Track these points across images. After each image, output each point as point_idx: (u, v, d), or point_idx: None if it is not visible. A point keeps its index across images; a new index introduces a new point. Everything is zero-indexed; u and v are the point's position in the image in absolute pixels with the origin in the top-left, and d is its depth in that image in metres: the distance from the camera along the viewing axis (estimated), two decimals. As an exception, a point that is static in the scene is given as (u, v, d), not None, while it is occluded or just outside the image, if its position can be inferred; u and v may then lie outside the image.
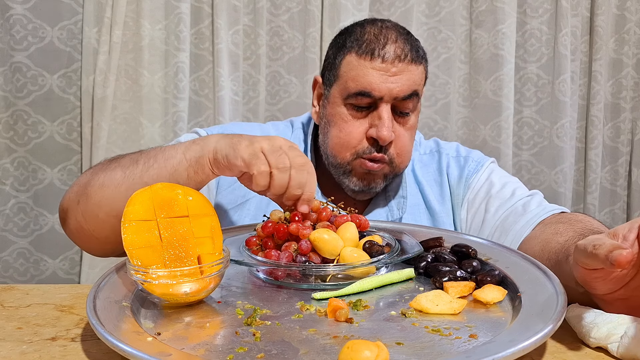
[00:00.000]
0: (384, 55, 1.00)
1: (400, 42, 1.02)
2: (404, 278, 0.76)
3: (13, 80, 1.74)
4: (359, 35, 1.04)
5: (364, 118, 1.03)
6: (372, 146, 1.02)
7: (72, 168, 1.81)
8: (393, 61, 1.00)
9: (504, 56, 1.91)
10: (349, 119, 1.03)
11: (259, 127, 1.20)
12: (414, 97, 1.02)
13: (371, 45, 1.02)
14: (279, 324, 0.63)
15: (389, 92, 1.00)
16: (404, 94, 1.01)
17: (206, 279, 0.67)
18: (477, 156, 1.16)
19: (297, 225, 0.77)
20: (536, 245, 0.87)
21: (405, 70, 1.01)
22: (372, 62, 1.00)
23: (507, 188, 1.07)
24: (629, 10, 2.01)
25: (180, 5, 1.76)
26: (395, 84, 1.00)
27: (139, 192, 0.71)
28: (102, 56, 1.72)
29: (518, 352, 0.53)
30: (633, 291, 0.63)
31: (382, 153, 1.02)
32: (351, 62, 1.02)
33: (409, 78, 1.01)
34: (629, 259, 0.57)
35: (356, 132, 1.03)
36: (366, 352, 0.52)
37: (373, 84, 1.00)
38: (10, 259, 1.82)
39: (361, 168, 1.04)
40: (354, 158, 1.03)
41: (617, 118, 2.08)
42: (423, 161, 1.17)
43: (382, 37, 1.02)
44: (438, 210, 1.12)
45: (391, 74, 1.00)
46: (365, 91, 1.00)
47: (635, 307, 0.63)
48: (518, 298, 0.67)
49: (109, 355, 0.59)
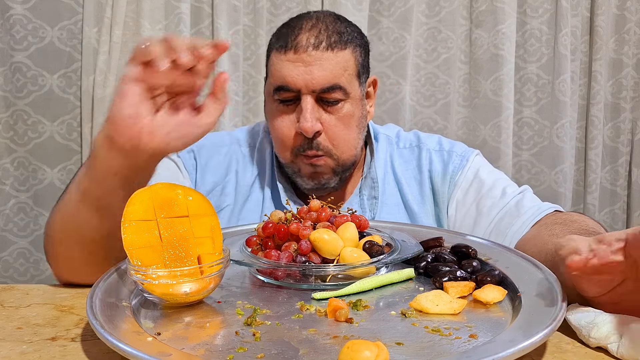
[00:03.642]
0: (295, 46, 0.98)
1: (315, 30, 0.99)
2: (404, 278, 0.76)
3: (13, 80, 1.74)
4: (278, 32, 1.03)
5: (292, 113, 1.01)
6: (303, 142, 1.00)
7: (72, 168, 1.80)
8: (306, 49, 0.97)
9: (504, 56, 1.91)
10: (277, 115, 1.02)
11: (228, 134, 1.19)
12: (336, 89, 0.98)
13: (284, 38, 1.00)
14: (279, 324, 0.63)
15: (304, 83, 0.97)
16: (321, 86, 0.97)
17: (206, 279, 0.67)
18: (461, 149, 1.12)
19: (297, 225, 0.77)
20: (533, 246, 0.87)
21: (320, 58, 0.97)
22: (286, 55, 0.98)
23: (497, 186, 1.05)
24: (629, 10, 2.01)
25: (180, 5, 1.76)
26: (310, 74, 0.97)
27: (139, 192, 0.71)
28: (102, 56, 1.72)
29: (518, 352, 0.53)
30: (621, 296, 0.64)
31: (314, 150, 1.00)
32: (272, 58, 1.01)
33: (326, 67, 0.97)
34: (579, 265, 0.61)
35: (286, 127, 1.01)
36: (366, 352, 0.52)
37: (287, 77, 0.98)
38: (10, 259, 1.82)
39: (306, 166, 1.02)
40: (295, 156, 1.02)
41: (617, 118, 2.08)
42: (403, 156, 1.14)
43: (296, 28, 1.00)
44: (417, 211, 1.09)
45: (306, 64, 0.97)
46: (282, 85, 0.98)
47: (626, 311, 0.63)
48: (518, 298, 0.67)
49: (109, 355, 0.59)
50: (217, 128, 1.81)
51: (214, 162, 1.12)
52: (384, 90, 1.91)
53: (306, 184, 1.04)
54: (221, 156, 1.13)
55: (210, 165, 1.12)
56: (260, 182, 1.12)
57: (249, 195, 1.11)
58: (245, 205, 1.10)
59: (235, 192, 1.11)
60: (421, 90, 1.94)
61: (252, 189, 1.11)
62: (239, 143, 1.16)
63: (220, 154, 1.13)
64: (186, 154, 1.12)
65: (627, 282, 0.62)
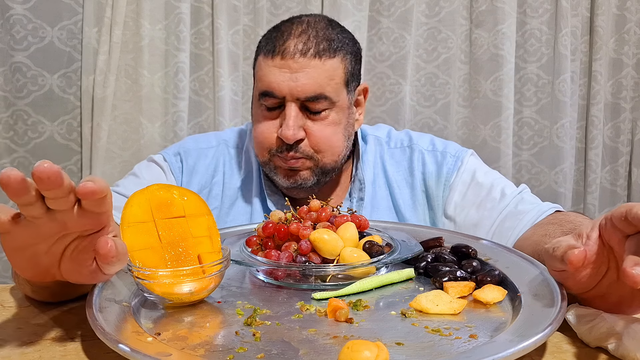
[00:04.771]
0: (283, 51, 0.96)
1: (304, 36, 0.97)
2: (404, 278, 0.75)
3: (13, 80, 1.74)
4: (267, 36, 1.01)
5: (276, 119, 1.00)
6: (283, 145, 0.99)
7: (72, 168, 1.81)
8: (293, 56, 0.95)
9: (504, 56, 1.91)
10: (262, 119, 1.01)
11: (215, 135, 1.17)
12: (321, 99, 0.97)
13: (273, 42, 0.98)
14: (279, 324, 0.63)
15: (289, 91, 0.96)
16: (306, 95, 0.96)
17: (208, 279, 0.67)
18: (454, 150, 1.10)
19: (297, 225, 0.77)
20: (528, 247, 0.87)
21: (307, 66, 0.95)
22: (273, 60, 0.97)
23: (495, 187, 1.04)
24: (629, 10, 2.01)
25: (180, 5, 1.76)
26: (296, 82, 0.95)
27: (136, 193, 0.71)
28: (102, 56, 1.72)
29: (518, 352, 0.53)
30: (607, 288, 0.63)
31: (292, 152, 0.99)
32: (260, 62, 1.00)
33: (312, 76, 0.95)
34: (581, 258, 0.59)
35: (267, 132, 1.00)
36: (366, 352, 0.52)
37: (273, 83, 0.96)
38: (10, 259, 1.81)
39: (282, 164, 1.01)
40: (272, 156, 1.01)
41: (617, 118, 2.08)
42: (394, 157, 1.12)
43: (285, 33, 0.98)
44: (408, 218, 1.08)
45: (292, 71, 0.95)
46: (267, 91, 0.97)
47: (614, 304, 0.63)
48: (518, 298, 0.67)
49: (109, 356, 0.59)
50: (217, 128, 1.81)
51: (200, 165, 1.11)
52: (384, 91, 1.91)
53: (283, 183, 1.03)
54: (208, 159, 1.12)
55: (198, 168, 1.11)
56: (248, 184, 1.11)
57: (236, 198, 1.10)
58: (233, 208, 1.09)
59: (223, 195, 1.10)
60: (421, 90, 1.94)
61: (239, 191, 1.11)
62: (227, 144, 1.15)
63: (208, 157, 1.12)
64: (172, 157, 1.12)
65: (610, 272, 0.63)
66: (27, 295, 0.77)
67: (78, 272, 0.60)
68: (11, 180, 0.51)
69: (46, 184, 0.51)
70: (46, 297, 0.73)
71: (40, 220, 0.55)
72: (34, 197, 0.53)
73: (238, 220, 1.08)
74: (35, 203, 0.53)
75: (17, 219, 0.55)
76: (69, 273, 0.61)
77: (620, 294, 0.63)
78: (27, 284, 0.71)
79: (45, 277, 0.63)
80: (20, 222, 0.55)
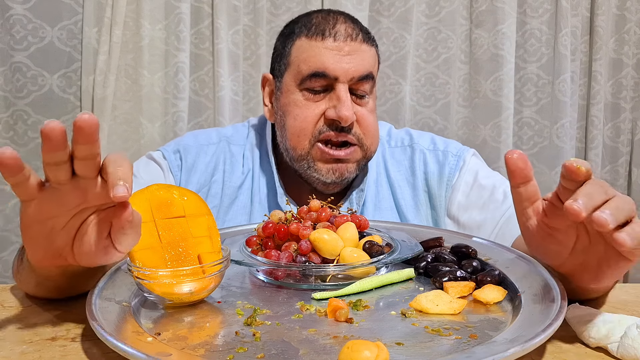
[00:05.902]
0: (335, 34, 0.97)
1: (350, 22, 1.00)
2: (404, 278, 0.76)
3: (13, 80, 1.74)
4: (306, 21, 1.02)
5: (321, 101, 0.99)
6: (330, 127, 0.98)
7: (72, 168, 1.80)
8: (345, 39, 0.97)
9: (504, 56, 1.91)
10: (304, 104, 0.99)
11: (216, 131, 1.15)
12: (369, 79, 0.99)
13: (320, 26, 0.99)
14: (279, 324, 0.63)
15: (344, 72, 0.97)
16: (359, 74, 0.97)
17: (208, 278, 0.67)
18: (456, 149, 1.10)
19: (297, 225, 0.77)
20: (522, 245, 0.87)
21: (358, 49, 0.98)
22: (324, 42, 0.97)
23: (497, 188, 1.04)
24: (629, 10, 2.01)
25: (180, 5, 1.76)
26: (349, 63, 0.97)
27: (136, 193, 0.71)
28: (102, 56, 1.72)
29: (518, 352, 0.53)
30: (583, 254, 0.64)
31: (345, 132, 0.97)
32: (302, 45, 0.99)
33: (363, 58, 0.98)
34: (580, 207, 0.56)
35: (312, 115, 0.98)
36: (366, 352, 0.52)
37: (326, 63, 0.96)
38: (11, 259, 1.81)
39: (324, 156, 0.98)
40: (312, 145, 0.99)
41: (617, 118, 2.08)
42: (395, 156, 1.12)
43: (330, 19, 1.00)
44: (410, 218, 1.07)
45: (345, 53, 0.97)
46: (319, 71, 0.97)
47: (596, 270, 0.63)
48: (518, 298, 0.67)
49: (109, 356, 0.59)
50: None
51: (200, 163, 1.09)
52: (384, 91, 1.92)
53: (325, 177, 1.00)
54: (208, 156, 1.10)
55: (197, 166, 1.09)
56: (249, 183, 1.09)
57: (236, 197, 1.08)
58: (232, 207, 1.08)
59: (222, 193, 1.08)
60: (421, 90, 1.94)
61: (239, 190, 1.09)
62: (228, 141, 1.13)
63: (208, 154, 1.10)
64: (172, 154, 1.10)
65: (581, 238, 0.64)
66: (27, 294, 0.77)
67: (89, 250, 0.61)
68: (55, 131, 0.53)
69: (85, 135, 0.54)
70: (50, 290, 0.73)
71: (65, 187, 0.58)
72: (66, 156, 0.56)
73: (237, 219, 1.07)
74: (65, 164, 0.56)
75: (42, 187, 0.58)
76: (80, 252, 0.62)
77: (598, 257, 0.63)
78: (32, 275, 0.71)
79: (55, 260, 0.64)
80: (45, 189, 0.58)
